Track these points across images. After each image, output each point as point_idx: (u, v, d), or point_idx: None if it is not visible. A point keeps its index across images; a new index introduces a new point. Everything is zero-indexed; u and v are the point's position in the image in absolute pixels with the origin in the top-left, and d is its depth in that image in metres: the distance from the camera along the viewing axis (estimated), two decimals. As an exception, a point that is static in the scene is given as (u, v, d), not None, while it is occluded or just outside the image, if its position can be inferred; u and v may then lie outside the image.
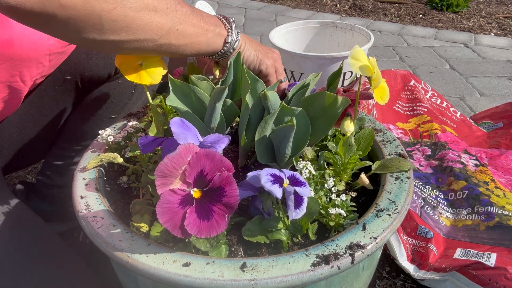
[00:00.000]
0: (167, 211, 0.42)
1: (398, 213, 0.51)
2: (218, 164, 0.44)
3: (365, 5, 2.97)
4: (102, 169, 0.63)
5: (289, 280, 0.43)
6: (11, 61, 0.70)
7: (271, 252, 0.50)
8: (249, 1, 3.19)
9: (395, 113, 1.37)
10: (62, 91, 0.87)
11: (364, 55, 0.57)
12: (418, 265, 0.88)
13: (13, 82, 0.73)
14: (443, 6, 2.85)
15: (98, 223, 0.51)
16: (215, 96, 0.58)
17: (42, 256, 0.68)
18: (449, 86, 1.90)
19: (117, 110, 0.92)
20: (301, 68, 1.19)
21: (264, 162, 0.59)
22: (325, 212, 0.52)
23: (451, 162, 1.09)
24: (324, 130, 0.62)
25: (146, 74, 0.61)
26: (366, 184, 0.59)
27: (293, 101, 0.61)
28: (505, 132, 1.29)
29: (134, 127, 0.68)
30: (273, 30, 1.31)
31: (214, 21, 0.62)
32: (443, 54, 2.24)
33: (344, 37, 1.37)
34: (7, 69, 0.70)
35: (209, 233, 0.43)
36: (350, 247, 0.46)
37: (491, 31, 2.53)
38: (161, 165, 0.42)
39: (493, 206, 0.94)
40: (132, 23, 0.50)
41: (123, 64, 0.60)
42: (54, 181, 1.01)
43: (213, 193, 0.43)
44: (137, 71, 0.60)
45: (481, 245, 0.88)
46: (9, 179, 1.31)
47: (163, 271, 0.44)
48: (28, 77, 0.74)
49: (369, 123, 0.72)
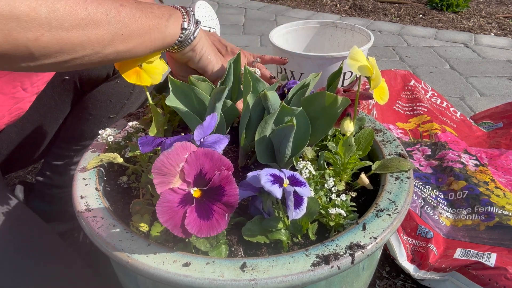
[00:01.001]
0: (167, 211, 0.42)
1: (398, 213, 0.51)
2: (217, 163, 0.43)
3: (365, 5, 2.97)
4: (102, 169, 0.63)
5: (289, 280, 0.43)
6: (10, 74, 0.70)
7: (271, 252, 0.50)
8: (249, 1, 3.20)
9: (395, 113, 1.37)
10: (60, 91, 0.87)
11: (363, 55, 0.57)
12: (418, 265, 0.88)
13: (15, 93, 0.73)
14: (443, 6, 2.85)
15: (98, 223, 0.51)
16: (215, 96, 0.58)
17: (42, 256, 0.68)
18: (449, 86, 1.90)
19: (116, 109, 0.92)
20: (301, 68, 1.19)
21: (264, 162, 0.59)
22: (325, 212, 0.52)
23: (451, 162, 1.09)
24: (324, 130, 0.62)
25: (146, 75, 0.60)
26: (366, 184, 0.59)
27: (293, 101, 0.61)
28: (505, 132, 1.29)
29: (134, 127, 0.68)
30: (273, 30, 1.31)
31: (168, 10, 0.57)
32: (443, 54, 2.24)
33: (344, 37, 1.37)
34: (8, 81, 0.71)
35: (209, 232, 0.43)
36: (350, 247, 0.46)
37: (491, 31, 2.53)
38: (157, 161, 0.41)
39: (493, 206, 0.94)
40: (66, 44, 0.45)
41: (123, 66, 0.59)
42: (54, 181, 1.01)
43: (213, 192, 0.43)
44: (137, 72, 0.60)
45: (481, 245, 0.88)
46: (9, 179, 1.31)
47: (163, 271, 0.44)
48: (29, 84, 0.75)
49: (369, 123, 0.72)
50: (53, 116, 0.91)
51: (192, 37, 0.60)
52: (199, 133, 0.49)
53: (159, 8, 0.56)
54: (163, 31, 0.55)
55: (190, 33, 0.59)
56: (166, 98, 0.61)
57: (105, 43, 0.49)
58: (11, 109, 0.75)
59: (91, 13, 0.46)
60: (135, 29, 0.51)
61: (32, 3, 0.41)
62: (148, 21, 0.53)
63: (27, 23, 0.41)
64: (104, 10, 0.47)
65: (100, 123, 0.91)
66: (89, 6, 0.46)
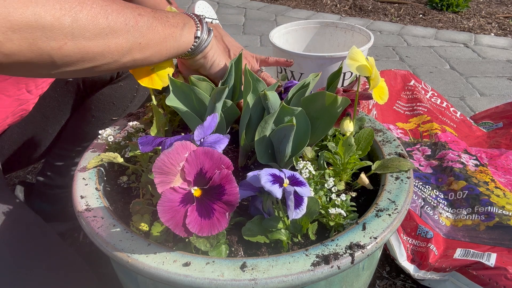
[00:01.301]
0: (169, 210, 0.42)
1: (398, 213, 0.51)
2: (217, 162, 0.44)
3: (365, 5, 2.97)
4: (102, 169, 0.63)
5: (289, 280, 0.43)
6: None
7: (271, 252, 0.50)
8: (249, 1, 3.20)
9: (395, 113, 1.37)
10: (64, 93, 0.88)
11: (362, 55, 0.57)
12: (418, 265, 0.88)
13: (20, 95, 0.73)
14: (443, 6, 2.85)
15: (98, 223, 0.51)
16: (215, 96, 0.58)
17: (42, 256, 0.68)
18: (449, 86, 1.90)
19: (119, 112, 0.93)
20: (301, 68, 1.19)
21: (264, 162, 0.59)
22: (325, 212, 0.52)
23: (451, 162, 1.09)
24: (324, 130, 0.62)
25: (158, 78, 0.62)
26: (366, 184, 0.59)
27: (293, 101, 0.61)
28: (505, 132, 1.29)
29: (134, 127, 0.68)
30: (273, 30, 1.31)
31: (182, 19, 0.58)
32: (443, 54, 2.24)
33: (344, 37, 1.37)
34: (13, 83, 0.71)
35: (210, 231, 0.43)
36: (350, 247, 0.46)
37: (491, 31, 2.53)
38: (158, 161, 0.41)
39: (493, 206, 0.94)
40: (88, 53, 0.46)
41: (138, 72, 0.61)
42: (54, 181, 1.01)
43: (213, 191, 0.44)
44: (149, 75, 0.61)
45: (481, 245, 0.88)
46: (9, 179, 1.31)
47: (163, 271, 0.44)
48: (34, 86, 0.75)
49: (369, 123, 0.72)
50: (56, 118, 0.91)
51: (205, 45, 0.61)
52: (199, 133, 0.49)
53: (174, 16, 0.57)
54: (177, 39, 0.57)
55: (203, 41, 0.61)
56: (166, 98, 0.61)
57: (123, 52, 0.50)
58: (15, 110, 0.75)
59: (111, 22, 0.47)
60: (152, 38, 0.52)
61: (57, 13, 0.42)
62: (164, 29, 0.54)
63: (52, 32, 0.42)
64: (124, 19, 0.48)
65: (102, 125, 0.92)
66: (110, 15, 0.47)
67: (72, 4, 0.43)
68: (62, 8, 0.42)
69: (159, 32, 0.53)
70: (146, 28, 0.51)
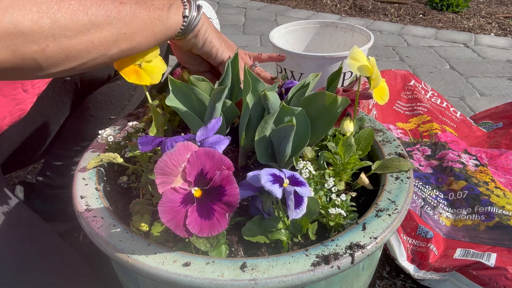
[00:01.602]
0: (169, 210, 0.42)
1: (398, 213, 0.51)
2: (218, 162, 0.44)
3: (365, 5, 2.97)
4: (102, 169, 0.63)
5: (289, 280, 0.43)
6: None
7: (271, 252, 0.50)
8: (249, 1, 3.20)
9: (395, 113, 1.37)
10: (61, 92, 0.87)
11: (363, 55, 0.57)
12: (418, 265, 0.88)
13: (16, 95, 0.73)
14: (443, 6, 2.85)
15: (98, 223, 0.51)
16: (215, 96, 0.58)
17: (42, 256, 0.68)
18: (449, 86, 1.90)
19: (117, 111, 0.92)
20: (301, 68, 1.19)
21: (264, 162, 0.59)
22: (325, 212, 0.52)
23: (451, 162, 1.09)
24: (324, 130, 0.62)
25: (146, 74, 0.60)
26: (366, 184, 0.59)
27: (293, 101, 0.61)
28: (505, 132, 1.29)
29: (134, 127, 0.68)
30: (273, 30, 1.31)
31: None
32: (443, 54, 2.24)
33: (344, 37, 1.37)
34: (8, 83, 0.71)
35: (210, 231, 0.43)
36: (350, 247, 0.46)
37: (491, 31, 2.53)
38: (160, 162, 0.41)
39: (493, 206, 0.94)
40: (71, 51, 0.45)
41: (122, 66, 0.58)
42: (54, 182, 1.01)
43: (213, 192, 0.44)
44: (137, 72, 0.60)
45: (481, 245, 0.88)
46: (9, 179, 1.31)
47: (163, 271, 0.44)
48: (30, 86, 0.74)
49: (369, 123, 0.72)
50: (54, 117, 0.91)
51: (195, 23, 0.59)
52: (202, 134, 0.49)
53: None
54: (164, 22, 0.55)
55: (192, 20, 0.59)
56: (166, 98, 0.61)
57: (109, 45, 0.49)
58: (12, 110, 0.75)
59: (92, 17, 0.45)
60: (137, 26, 0.51)
61: (34, 17, 0.41)
62: (149, 14, 0.52)
63: (32, 36, 0.41)
64: (105, 12, 0.47)
65: (101, 124, 0.91)
66: (89, 10, 0.46)
67: (49, 4, 0.42)
68: (39, 10, 0.41)
69: (143, 18, 0.51)
70: (129, 17, 0.50)
